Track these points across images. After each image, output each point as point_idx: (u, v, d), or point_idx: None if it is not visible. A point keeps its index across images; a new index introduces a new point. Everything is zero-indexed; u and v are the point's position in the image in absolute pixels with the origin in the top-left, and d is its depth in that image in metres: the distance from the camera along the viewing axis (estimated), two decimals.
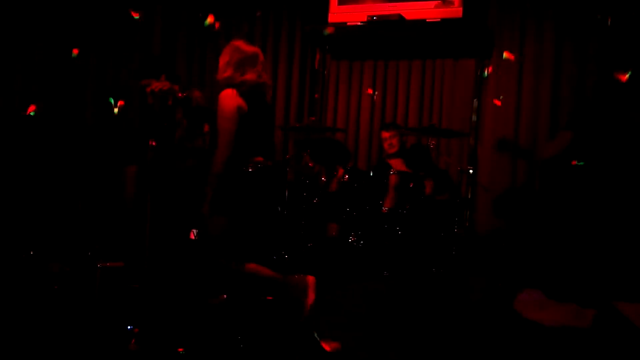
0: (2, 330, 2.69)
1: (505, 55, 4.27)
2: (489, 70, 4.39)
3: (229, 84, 2.72)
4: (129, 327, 2.74)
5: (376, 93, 4.85)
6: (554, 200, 3.67)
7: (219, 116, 2.68)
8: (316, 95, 5.00)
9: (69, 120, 4.78)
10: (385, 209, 3.97)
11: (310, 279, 2.62)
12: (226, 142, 2.64)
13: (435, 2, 4.46)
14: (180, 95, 4.12)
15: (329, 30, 4.57)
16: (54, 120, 4.68)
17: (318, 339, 2.42)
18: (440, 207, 3.98)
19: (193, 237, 4.10)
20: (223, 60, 2.78)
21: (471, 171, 4.26)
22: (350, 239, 3.89)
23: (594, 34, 4.10)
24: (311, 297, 2.60)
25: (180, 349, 2.55)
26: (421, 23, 4.44)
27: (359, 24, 4.56)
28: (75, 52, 4.47)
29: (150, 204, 3.72)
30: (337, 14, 4.68)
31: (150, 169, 3.81)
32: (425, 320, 2.89)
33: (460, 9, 4.37)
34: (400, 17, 4.45)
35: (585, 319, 2.63)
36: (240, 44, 2.79)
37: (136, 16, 4.26)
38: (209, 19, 4.67)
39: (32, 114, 4.29)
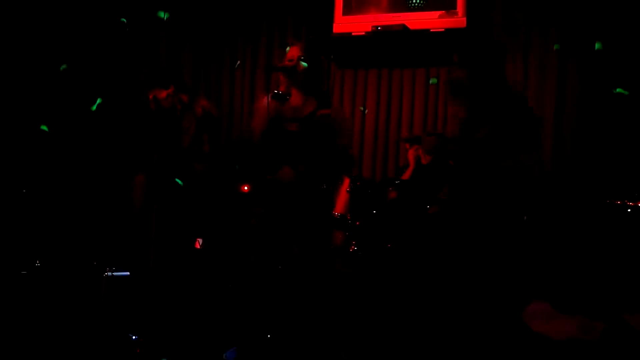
0: (8, 339, 2.69)
1: None
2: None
3: None
4: (134, 337, 2.74)
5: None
6: (559, 210, 3.67)
7: None
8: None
9: (77, 130, 4.79)
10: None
11: None
12: None
13: (439, 12, 4.48)
14: (185, 99, 4.13)
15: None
16: (61, 130, 4.69)
17: None
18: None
19: (198, 247, 4.10)
20: None
21: None
22: (351, 249, 3.88)
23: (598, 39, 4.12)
24: None
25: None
26: (425, 33, 4.46)
27: (364, 34, 4.58)
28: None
29: (156, 213, 3.72)
30: (342, 24, 4.71)
31: (157, 177, 3.82)
32: (431, 332, 2.88)
33: (464, 19, 4.39)
34: (404, 27, 4.47)
35: (594, 332, 2.62)
36: None
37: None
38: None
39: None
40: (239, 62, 5.07)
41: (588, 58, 4.15)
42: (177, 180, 3.83)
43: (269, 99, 2.60)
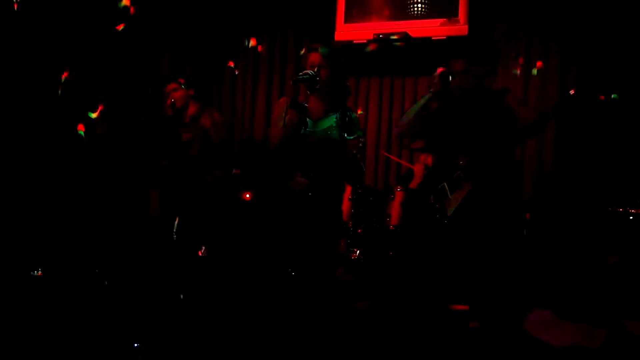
0: (10, 347, 2.69)
1: None
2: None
3: None
4: (135, 344, 2.74)
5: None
6: (561, 217, 3.65)
7: None
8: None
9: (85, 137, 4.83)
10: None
11: None
12: None
13: (441, 20, 4.49)
14: (196, 108, 4.12)
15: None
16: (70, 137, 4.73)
17: None
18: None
19: (201, 254, 4.11)
20: None
21: None
22: (352, 256, 3.88)
23: (600, 48, 4.12)
24: None
25: None
26: (427, 41, 4.47)
27: (365, 41, 4.60)
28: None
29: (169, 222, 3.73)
30: (344, 31, 4.73)
31: (169, 186, 3.82)
32: (433, 340, 2.87)
33: (466, 26, 4.41)
34: (406, 35, 4.48)
35: (596, 339, 2.60)
36: None
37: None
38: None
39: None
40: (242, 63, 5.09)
41: (589, 63, 4.16)
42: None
43: (287, 106, 2.55)
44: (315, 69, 2.52)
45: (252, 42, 4.82)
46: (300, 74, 2.50)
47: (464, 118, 2.78)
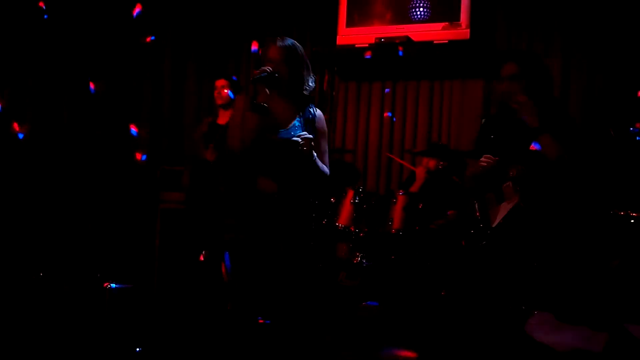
0: (12, 352, 2.70)
1: None
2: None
3: None
4: (137, 349, 2.75)
5: (386, 114, 4.86)
6: (562, 219, 3.63)
7: None
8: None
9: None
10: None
11: None
12: None
13: (443, 24, 4.50)
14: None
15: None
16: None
17: None
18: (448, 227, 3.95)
19: (202, 259, 4.11)
20: None
21: None
22: (355, 260, 3.88)
23: (601, 53, 4.12)
24: None
25: None
26: (429, 45, 4.47)
27: (367, 45, 4.61)
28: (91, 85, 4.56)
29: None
30: (346, 36, 4.74)
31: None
32: (434, 344, 2.87)
33: (468, 30, 4.41)
34: (408, 39, 4.49)
35: (597, 343, 2.59)
36: None
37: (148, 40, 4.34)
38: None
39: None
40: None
41: (591, 67, 4.15)
42: None
43: (248, 109, 2.40)
44: (274, 66, 2.39)
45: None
46: (257, 71, 2.37)
47: (520, 128, 2.72)
